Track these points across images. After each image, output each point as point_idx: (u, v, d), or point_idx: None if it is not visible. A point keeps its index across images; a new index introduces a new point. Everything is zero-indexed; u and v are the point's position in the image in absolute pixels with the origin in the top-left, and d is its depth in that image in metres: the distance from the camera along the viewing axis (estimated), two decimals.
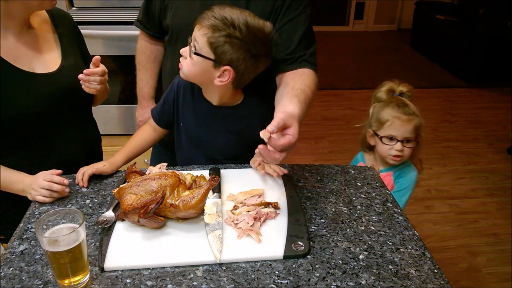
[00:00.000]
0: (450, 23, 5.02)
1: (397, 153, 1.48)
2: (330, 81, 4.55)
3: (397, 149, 1.47)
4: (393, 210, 1.13)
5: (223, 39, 1.08)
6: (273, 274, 0.90)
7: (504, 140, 3.45)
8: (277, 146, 0.92)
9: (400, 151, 1.47)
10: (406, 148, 1.47)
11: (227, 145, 1.31)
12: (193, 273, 0.90)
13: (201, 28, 1.10)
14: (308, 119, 3.76)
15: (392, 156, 1.49)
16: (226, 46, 1.09)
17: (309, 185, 1.22)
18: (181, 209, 0.98)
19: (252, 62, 1.13)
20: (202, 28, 1.10)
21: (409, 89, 1.54)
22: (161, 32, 1.45)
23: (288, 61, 1.28)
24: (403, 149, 1.47)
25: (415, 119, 1.47)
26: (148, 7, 1.44)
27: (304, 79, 1.23)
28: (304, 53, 1.28)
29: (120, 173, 1.25)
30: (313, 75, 1.27)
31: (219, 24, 1.08)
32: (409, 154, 1.49)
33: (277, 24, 1.27)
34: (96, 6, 2.14)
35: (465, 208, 2.71)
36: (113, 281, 0.87)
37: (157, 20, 1.43)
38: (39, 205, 1.10)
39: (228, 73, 1.13)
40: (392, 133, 1.47)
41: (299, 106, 1.09)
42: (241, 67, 1.13)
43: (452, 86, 4.54)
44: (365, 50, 5.61)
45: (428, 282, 0.90)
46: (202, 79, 1.19)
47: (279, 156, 0.93)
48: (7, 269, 0.89)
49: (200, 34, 1.10)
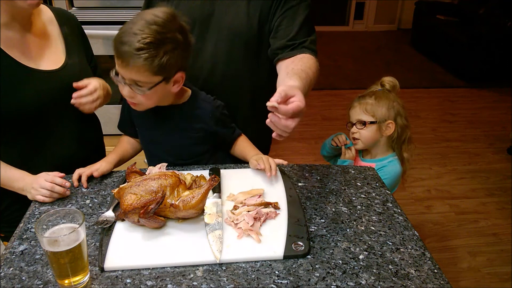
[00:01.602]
0: (450, 23, 5.02)
1: (353, 137, 1.62)
2: (330, 81, 4.55)
3: (353, 132, 1.61)
4: (393, 210, 1.13)
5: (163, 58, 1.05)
6: (273, 274, 0.90)
7: (504, 140, 3.45)
8: (286, 111, 0.91)
9: (354, 133, 1.61)
10: (361, 131, 1.58)
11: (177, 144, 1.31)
12: (193, 273, 0.90)
13: (133, 69, 1.05)
14: (308, 119, 3.76)
15: (352, 139, 1.63)
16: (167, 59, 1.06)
17: (309, 185, 1.22)
18: (181, 209, 0.98)
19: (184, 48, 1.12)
20: (134, 68, 1.04)
21: (390, 79, 1.63)
22: None
23: (289, 48, 1.28)
24: (358, 131, 1.59)
25: (366, 104, 1.57)
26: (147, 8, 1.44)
27: (304, 62, 1.23)
28: (305, 39, 1.29)
29: (120, 173, 1.25)
30: (313, 59, 1.28)
31: (146, 51, 1.02)
32: (366, 138, 1.59)
33: (277, 13, 1.30)
34: (96, 6, 2.14)
35: (465, 208, 2.71)
36: (113, 281, 0.87)
37: None
38: (39, 205, 1.10)
39: (180, 76, 1.15)
40: (349, 119, 1.63)
41: (299, 81, 1.09)
42: (184, 62, 1.14)
43: (452, 86, 4.53)
44: (365, 50, 5.60)
45: (428, 282, 0.90)
46: (162, 98, 1.19)
47: (291, 123, 0.92)
48: (7, 269, 0.89)
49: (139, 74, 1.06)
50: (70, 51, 1.29)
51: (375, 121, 1.56)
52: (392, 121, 1.56)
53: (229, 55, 1.34)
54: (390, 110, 1.56)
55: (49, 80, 1.21)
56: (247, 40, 1.33)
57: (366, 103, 1.58)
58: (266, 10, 1.31)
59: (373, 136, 1.58)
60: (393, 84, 1.62)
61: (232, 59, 1.34)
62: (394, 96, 1.60)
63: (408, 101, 4.08)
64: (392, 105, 1.56)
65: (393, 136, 1.58)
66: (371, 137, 1.59)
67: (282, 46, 1.29)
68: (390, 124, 1.56)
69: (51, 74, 1.22)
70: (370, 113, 1.57)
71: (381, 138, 1.60)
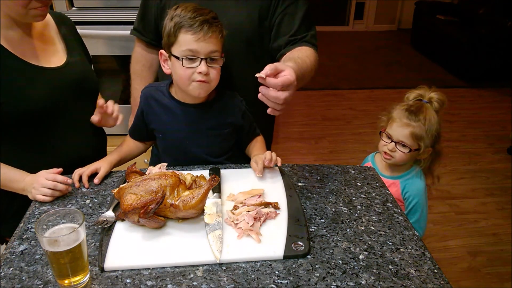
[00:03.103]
0: (450, 23, 5.02)
1: (388, 151, 1.48)
2: (330, 81, 4.55)
3: (389, 148, 1.48)
4: (393, 210, 1.13)
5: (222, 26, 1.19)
6: (273, 274, 0.90)
7: (504, 140, 3.45)
8: (275, 84, 0.93)
9: (391, 151, 1.48)
10: (399, 152, 1.46)
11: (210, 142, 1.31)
12: (193, 273, 0.90)
13: (212, 36, 1.15)
14: (308, 119, 3.76)
15: (383, 152, 1.50)
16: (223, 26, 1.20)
17: (309, 185, 1.22)
18: (181, 209, 0.98)
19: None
20: (214, 35, 1.15)
21: (440, 97, 1.50)
22: (157, 38, 1.45)
23: (290, 43, 1.32)
24: (396, 151, 1.47)
25: (417, 127, 1.43)
26: (144, 13, 1.45)
27: (302, 51, 1.26)
28: (305, 34, 1.33)
29: (120, 173, 1.25)
30: (312, 51, 1.30)
31: (217, 18, 1.16)
32: (401, 159, 1.47)
33: (278, 10, 1.32)
34: (96, 6, 2.14)
35: (465, 208, 2.71)
36: (113, 281, 0.87)
37: (153, 25, 1.43)
38: (39, 205, 1.10)
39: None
40: (390, 132, 1.48)
41: (293, 63, 1.11)
42: None
43: (452, 86, 4.53)
44: (365, 50, 5.61)
45: (428, 282, 0.90)
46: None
47: (281, 94, 0.94)
48: (7, 269, 0.89)
49: (216, 41, 1.16)
50: (70, 50, 1.30)
51: (419, 149, 1.46)
52: (431, 148, 1.48)
53: (230, 52, 1.34)
54: (433, 138, 1.46)
55: (54, 77, 1.22)
56: (247, 37, 1.34)
57: (419, 128, 1.42)
58: (266, 7, 1.32)
59: (410, 160, 1.50)
60: (442, 102, 1.49)
61: (232, 56, 1.35)
62: (440, 119, 1.48)
63: None
64: (438, 131, 1.46)
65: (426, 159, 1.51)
66: (407, 160, 1.50)
67: (284, 42, 1.32)
68: (427, 151, 1.48)
69: (54, 71, 1.23)
70: (417, 141, 1.45)
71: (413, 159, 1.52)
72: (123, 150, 1.35)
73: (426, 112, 1.45)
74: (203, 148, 1.31)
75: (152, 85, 1.35)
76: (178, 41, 1.15)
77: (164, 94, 1.28)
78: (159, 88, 1.30)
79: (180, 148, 1.31)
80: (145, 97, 1.31)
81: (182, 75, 1.17)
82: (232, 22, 1.30)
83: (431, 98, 1.50)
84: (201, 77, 1.16)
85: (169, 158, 1.32)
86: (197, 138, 1.30)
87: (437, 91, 1.51)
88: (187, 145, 1.30)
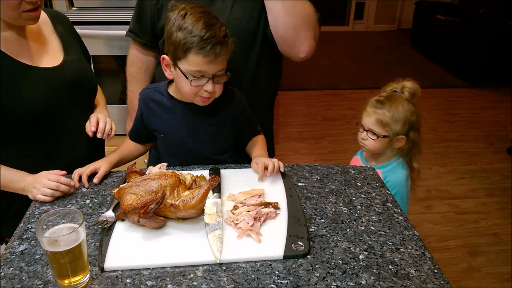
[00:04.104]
0: (450, 23, 5.02)
1: (361, 140, 1.57)
2: (330, 81, 4.55)
3: (362, 137, 1.57)
4: (393, 210, 1.13)
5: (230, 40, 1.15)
6: (273, 274, 0.90)
7: (504, 140, 3.45)
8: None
9: (363, 139, 1.56)
10: (370, 139, 1.54)
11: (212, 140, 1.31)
12: (193, 273, 0.90)
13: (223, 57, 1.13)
14: (308, 119, 3.76)
15: (360, 141, 1.60)
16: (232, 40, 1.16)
17: (309, 185, 1.22)
18: (181, 209, 0.98)
19: None
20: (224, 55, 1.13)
21: (412, 87, 1.54)
22: (154, 40, 1.45)
23: None
24: (367, 139, 1.55)
25: (381, 114, 1.50)
26: (140, 14, 1.44)
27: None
28: None
29: (120, 173, 1.25)
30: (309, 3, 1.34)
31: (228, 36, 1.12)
32: (373, 147, 1.55)
33: None
34: (96, 6, 2.14)
35: (465, 208, 2.71)
36: (113, 281, 0.87)
37: (149, 26, 1.42)
38: (39, 205, 1.10)
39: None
40: (362, 122, 1.57)
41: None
42: None
43: (452, 86, 4.53)
44: (365, 50, 5.61)
45: (428, 282, 0.90)
46: None
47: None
48: (7, 269, 0.89)
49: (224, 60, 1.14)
50: (67, 49, 1.29)
51: (388, 135, 1.50)
52: (404, 136, 1.51)
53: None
54: (405, 125, 1.50)
55: (51, 77, 1.22)
56: (246, 34, 1.34)
57: (383, 115, 1.49)
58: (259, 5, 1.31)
59: (382, 147, 1.54)
60: (413, 91, 1.53)
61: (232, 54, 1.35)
62: (413, 107, 1.52)
63: None
64: (408, 119, 1.50)
65: (403, 148, 1.54)
66: (379, 148, 1.54)
67: None
68: (401, 139, 1.51)
69: (52, 70, 1.22)
70: (385, 127, 1.50)
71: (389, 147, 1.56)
72: (123, 151, 1.34)
73: (393, 101, 1.51)
74: (206, 146, 1.31)
75: (150, 86, 1.34)
76: (187, 60, 1.12)
77: (163, 94, 1.28)
78: (158, 88, 1.29)
79: (182, 148, 1.31)
80: (143, 99, 1.30)
81: (188, 91, 1.16)
82: (230, 21, 1.30)
83: (403, 87, 1.55)
84: (206, 94, 1.16)
85: (172, 159, 1.31)
86: (199, 136, 1.29)
87: (411, 81, 1.56)
88: (189, 144, 1.30)
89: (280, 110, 3.85)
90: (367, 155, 1.65)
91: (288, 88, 4.26)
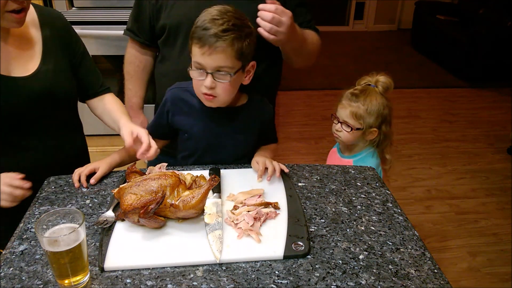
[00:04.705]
0: (450, 23, 5.01)
1: (335, 131, 1.62)
2: (330, 81, 4.55)
3: (336, 129, 1.61)
4: (393, 210, 1.13)
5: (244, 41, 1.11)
6: (273, 274, 0.90)
7: (504, 140, 3.45)
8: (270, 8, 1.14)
9: (337, 131, 1.61)
10: (344, 131, 1.57)
11: (235, 146, 1.31)
12: (193, 273, 0.90)
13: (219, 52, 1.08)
14: (308, 119, 3.76)
15: (333, 133, 1.64)
16: (247, 42, 1.12)
17: (309, 185, 1.22)
18: (181, 209, 0.98)
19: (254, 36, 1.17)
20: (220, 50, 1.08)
21: (385, 81, 1.57)
22: (152, 39, 1.45)
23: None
24: (341, 131, 1.58)
25: (355, 107, 1.54)
26: (138, 13, 1.44)
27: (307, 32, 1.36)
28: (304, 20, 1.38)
29: (120, 173, 1.25)
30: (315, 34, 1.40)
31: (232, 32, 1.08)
32: (346, 138, 1.58)
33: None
34: (96, 6, 2.14)
35: (465, 208, 2.71)
36: (113, 281, 0.87)
37: (147, 25, 1.42)
38: (39, 205, 1.10)
39: (251, 66, 1.18)
40: (337, 114, 1.61)
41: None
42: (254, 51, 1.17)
43: (452, 86, 4.53)
44: (365, 50, 5.60)
45: (428, 282, 0.90)
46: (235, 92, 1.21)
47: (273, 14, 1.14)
48: (7, 269, 0.89)
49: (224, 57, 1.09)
50: (46, 56, 1.22)
51: (362, 128, 1.54)
52: (376, 128, 1.55)
53: None
54: (378, 118, 1.54)
55: (21, 87, 1.16)
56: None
57: (358, 108, 1.53)
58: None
59: (355, 139, 1.59)
60: (386, 86, 1.56)
61: None
62: (386, 101, 1.55)
63: (408, 101, 4.09)
64: (381, 112, 1.54)
65: (374, 140, 1.59)
66: (352, 139, 1.59)
67: None
68: (373, 131, 1.55)
69: (20, 80, 1.17)
70: (359, 120, 1.54)
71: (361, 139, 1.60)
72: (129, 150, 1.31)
73: (367, 94, 1.56)
74: (227, 151, 1.31)
75: (180, 85, 1.30)
76: (191, 50, 1.13)
77: (192, 94, 1.25)
78: (188, 88, 1.26)
79: (203, 149, 1.31)
80: (172, 99, 1.28)
81: (194, 84, 1.17)
82: None
83: (377, 81, 1.59)
84: (206, 91, 1.14)
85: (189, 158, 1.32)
86: (222, 141, 1.29)
87: (385, 75, 1.60)
88: (210, 147, 1.30)
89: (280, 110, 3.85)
90: (342, 146, 1.70)
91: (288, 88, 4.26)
